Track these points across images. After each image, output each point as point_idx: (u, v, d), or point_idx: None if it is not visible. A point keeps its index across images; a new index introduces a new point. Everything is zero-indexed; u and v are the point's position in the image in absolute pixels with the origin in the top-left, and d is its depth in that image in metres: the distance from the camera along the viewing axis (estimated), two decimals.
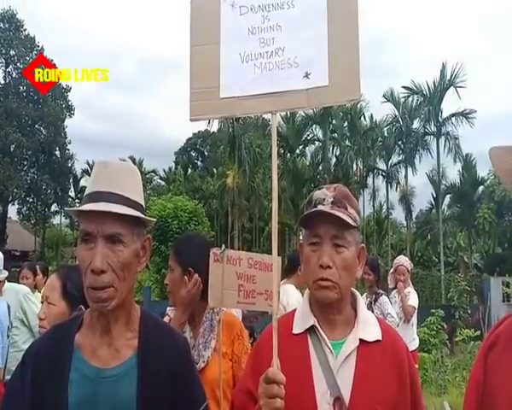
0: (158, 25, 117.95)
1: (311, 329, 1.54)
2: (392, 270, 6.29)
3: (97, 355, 1.37)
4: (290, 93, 1.60)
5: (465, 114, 32.68)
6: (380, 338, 1.53)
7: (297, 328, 1.56)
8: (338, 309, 1.54)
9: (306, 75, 1.60)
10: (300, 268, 4.36)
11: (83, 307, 1.95)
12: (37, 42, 37.13)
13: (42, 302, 2.04)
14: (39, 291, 4.90)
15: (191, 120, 1.63)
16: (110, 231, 1.32)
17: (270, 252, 1.57)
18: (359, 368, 1.47)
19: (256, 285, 2.13)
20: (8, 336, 3.94)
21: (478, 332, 10.19)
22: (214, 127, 40.68)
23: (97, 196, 1.35)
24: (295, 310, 1.64)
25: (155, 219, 1.52)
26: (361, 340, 1.51)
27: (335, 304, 1.53)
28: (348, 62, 1.59)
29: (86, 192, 1.40)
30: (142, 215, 1.40)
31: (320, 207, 1.51)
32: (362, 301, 1.64)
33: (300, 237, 1.65)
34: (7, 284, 4.54)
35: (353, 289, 1.63)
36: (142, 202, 1.44)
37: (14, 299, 4.44)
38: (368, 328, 1.54)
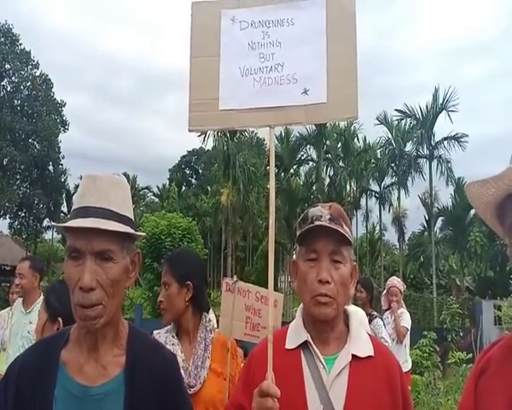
0: (155, 42, 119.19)
1: (304, 344, 1.54)
2: (385, 291, 6.29)
3: (83, 372, 1.33)
4: (288, 108, 1.62)
5: (457, 138, 33.05)
6: (372, 354, 1.54)
7: (290, 343, 1.56)
8: (332, 326, 1.55)
9: (305, 91, 1.63)
10: None
11: (60, 320, 1.94)
12: (32, 56, 37.34)
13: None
14: None
15: (189, 131, 1.65)
16: (99, 247, 1.29)
17: (264, 270, 1.57)
18: (352, 383, 1.47)
19: (261, 319, 2.17)
20: None
21: (470, 355, 10.15)
22: (209, 145, 40.92)
23: (86, 212, 1.31)
24: (288, 326, 1.64)
25: (145, 234, 1.49)
26: (353, 356, 1.51)
27: (330, 321, 1.53)
28: (346, 80, 1.62)
29: (74, 207, 1.36)
30: (132, 230, 1.37)
31: (318, 223, 1.52)
32: (354, 317, 1.64)
33: (294, 257, 1.65)
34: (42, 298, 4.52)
35: (346, 307, 1.63)
36: (132, 216, 1.41)
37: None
38: (360, 344, 1.55)
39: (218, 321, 2.52)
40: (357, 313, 4.81)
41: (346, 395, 1.45)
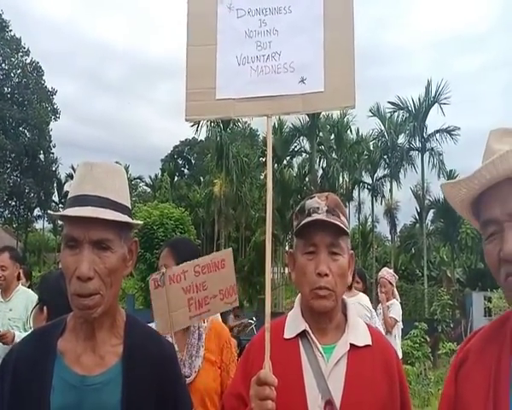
0: (148, 29, 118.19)
1: (303, 334, 1.55)
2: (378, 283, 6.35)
3: (81, 362, 1.32)
4: (285, 97, 1.61)
5: (449, 131, 33.23)
6: (370, 343, 1.55)
7: (288, 333, 1.57)
8: (330, 317, 1.56)
9: (302, 80, 1.62)
10: None
11: (45, 308, 1.94)
12: (23, 43, 36.89)
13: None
14: None
15: (186, 120, 1.63)
16: (97, 236, 1.27)
17: (259, 263, 1.57)
18: (350, 372, 1.48)
19: (208, 290, 2.07)
20: None
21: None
22: (202, 135, 40.70)
23: (83, 200, 1.30)
24: (286, 316, 1.65)
25: (142, 223, 1.48)
26: (351, 345, 1.52)
27: (329, 312, 1.54)
28: (344, 69, 1.61)
29: (71, 194, 1.34)
30: (130, 219, 1.36)
31: (316, 216, 1.52)
32: (351, 307, 1.65)
33: (287, 248, 1.64)
34: (20, 287, 4.57)
35: (343, 296, 1.64)
36: (129, 205, 1.40)
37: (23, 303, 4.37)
38: (358, 333, 1.56)
39: None
40: (361, 300, 4.85)
41: (344, 384, 1.46)
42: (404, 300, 20.31)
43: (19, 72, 36.55)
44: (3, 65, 35.82)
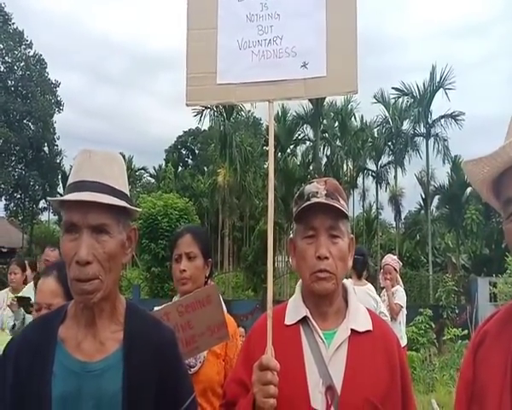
0: (150, 21, 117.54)
1: (304, 320, 1.55)
2: (382, 270, 6.34)
3: (82, 348, 1.33)
4: (288, 82, 1.60)
5: (454, 116, 32.95)
6: (370, 328, 1.55)
7: (289, 319, 1.57)
8: (331, 301, 1.56)
9: (304, 65, 1.60)
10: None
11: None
12: (26, 36, 36.77)
13: (37, 310, 1.90)
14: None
15: (187, 105, 1.62)
16: (96, 221, 1.29)
17: (264, 252, 1.56)
18: (351, 358, 1.48)
19: (194, 329, 2.00)
20: None
21: (465, 331, 10.30)
22: (205, 125, 40.58)
23: (82, 186, 1.31)
24: (287, 303, 1.65)
25: (141, 210, 1.48)
26: (352, 330, 1.52)
27: (330, 295, 1.54)
28: (346, 54, 1.59)
29: (70, 181, 1.35)
30: (128, 205, 1.37)
31: (315, 200, 1.52)
32: (353, 292, 1.65)
33: (291, 235, 1.64)
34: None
35: (344, 281, 1.64)
36: (128, 192, 1.41)
37: None
38: (359, 319, 1.56)
39: None
40: (370, 290, 4.90)
41: (344, 369, 1.46)
42: (408, 286, 20.35)
43: (22, 64, 36.44)
44: (7, 58, 35.68)
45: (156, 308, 2.28)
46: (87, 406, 1.28)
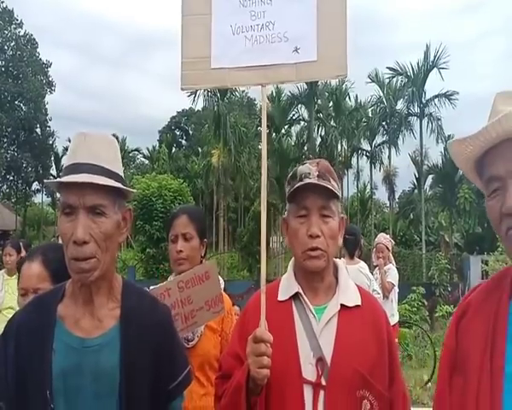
0: (143, 0, 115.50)
1: (296, 296, 1.61)
2: (374, 249, 6.44)
3: (80, 325, 1.38)
4: (279, 67, 1.64)
5: (448, 96, 32.92)
6: (359, 303, 1.62)
7: (282, 295, 1.63)
8: (322, 277, 1.63)
9: (296, 50, 1.64)
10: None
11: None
12: (16, 15, 36.16)
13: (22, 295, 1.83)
14: None
15: (182, 89, 1.66)
16: (91, 202, 1.32)
17: (259, 232, 1.62)
18: (340, 331, 1.55)
19: (193, 304, 2.09)
20: None
21: None
22: (199, 105, 40.35)
23: (78, 168, 1.34)
24: (280, 280, 1.71)
25: (136, 191, 1.53)
26: (342, 305, 1.59)
27: (321, 272, 1.61)
28: (336, 39, 1.63)
29: (66, 164, 1.39)
30: (123, 186, 1.41)
31: (307, 181, 1.57)
32: (343, 269, 1.72)
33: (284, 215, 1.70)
34: None
35: (335, 259, 1.71)
36: (122, 174, 1.45)
37: None
38: (348, 294, 1.63)
39: None
40: (362, 268, 4.97)
41: (334, 342, 1.53)
42: (402, 265, 20.55)
43: (12, 44, 35.92)
44: None
45: (152, 287, 2.36)
46: (86, 380, 1.33)
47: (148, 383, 1.39)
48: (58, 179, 1.36)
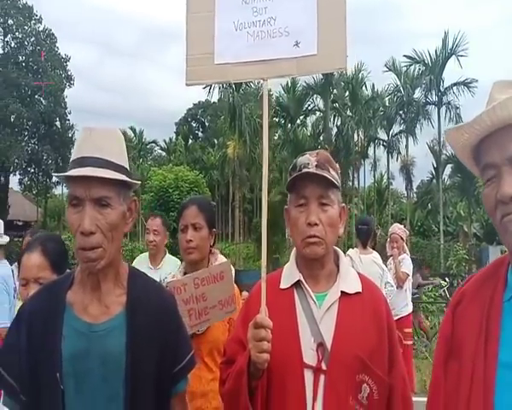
0: None
1: (297, 284, 1.66)
2: (388, 239, 6.44)
3: (88, 311, 1.43)
4: (281, 61, 1.68)
5: (466, 84, 32.40)
6: (360, 290, 1.66)
7: (284, 283, 1.69)
8: (322, 264, 1.67)
9: (296, 44, 1.68)
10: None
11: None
12: (35, 11, 36.58)
13: (23, 285, 1.91)
14: None
15: (187, 85, 1.72)
16: (97, 194, 1.37)
17: (274, 223, 1.67)
18: (341, 317, 1.60)
19: (207, 301, 2.17)
20: (14, 297, 4.05)
21: None
22: (215, 97, 40.39)
23: (84, 162, 1.39)
24: (282, 269, 1.77)
25: (139, 182, 1.59)
26: (342, 292, 1.64)
27: (321, 259, 1.65)
28: (336, 33, 1.67)
29: (73, 158, 1.43)
30: (128, 179, 1.45)
31: (305, 170, 1.62)
32: (344, 257, 1.76)
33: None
34: (168, 255, 4.50)
35: (336, 248, 1.76)
36: (127, 166, 1.49)
37: None
38: (349, 281, 1.67)
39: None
40: (375, 258, 5.00)
41: (334, 328, 1.57)
42: (419, 255, 20.42)
43: (32, 40, 36.36)
44: (17, 33, 35.62)
45: (169, 280, 2.43)
46: (94, 363, 1.39)
47: (154, 367, 1.45)
48: (64, 173, 1.41)
